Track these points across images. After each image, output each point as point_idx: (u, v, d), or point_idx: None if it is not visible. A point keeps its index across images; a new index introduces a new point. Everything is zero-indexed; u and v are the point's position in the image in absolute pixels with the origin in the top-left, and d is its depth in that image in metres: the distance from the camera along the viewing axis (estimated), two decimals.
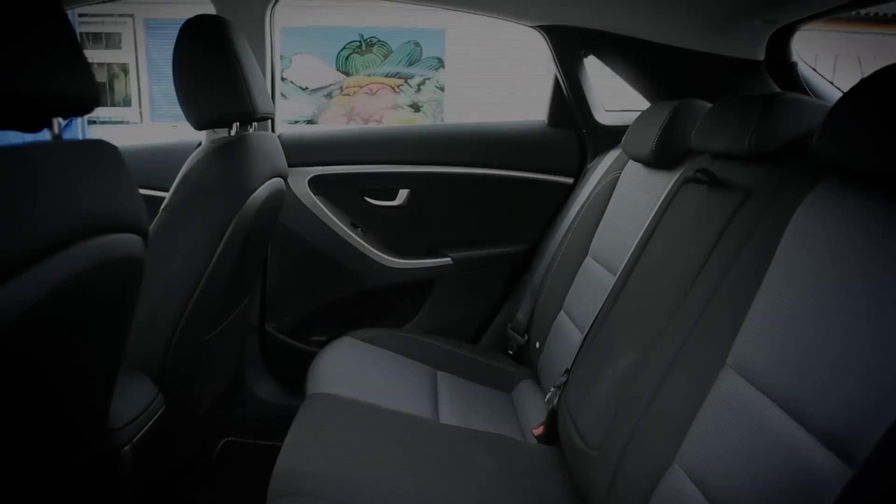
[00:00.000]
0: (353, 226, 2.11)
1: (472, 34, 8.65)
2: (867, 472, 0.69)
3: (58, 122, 0.78)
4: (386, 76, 9.25)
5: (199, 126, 1.41)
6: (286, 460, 1.24)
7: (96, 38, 8.74)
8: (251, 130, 1.61)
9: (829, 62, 7.58)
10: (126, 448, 1.16)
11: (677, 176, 1.45)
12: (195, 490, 1.84)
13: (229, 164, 1.43)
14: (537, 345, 1.82)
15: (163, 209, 1.38)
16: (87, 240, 0.73)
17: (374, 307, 2.17)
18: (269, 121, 2.01)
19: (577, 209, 1.95)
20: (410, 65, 9.27)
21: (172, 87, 1.39)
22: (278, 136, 2.00)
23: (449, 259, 2.14)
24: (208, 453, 1.99)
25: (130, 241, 0.82)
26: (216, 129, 1.71)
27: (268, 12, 1.94)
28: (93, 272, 0.74)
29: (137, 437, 1.19)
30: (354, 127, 6.54)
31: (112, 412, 1.14)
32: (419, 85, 9.34)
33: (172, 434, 1.35)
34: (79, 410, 0.88)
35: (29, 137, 0.75)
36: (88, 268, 0.73)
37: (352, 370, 1.65)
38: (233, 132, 1.53)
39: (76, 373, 0.81)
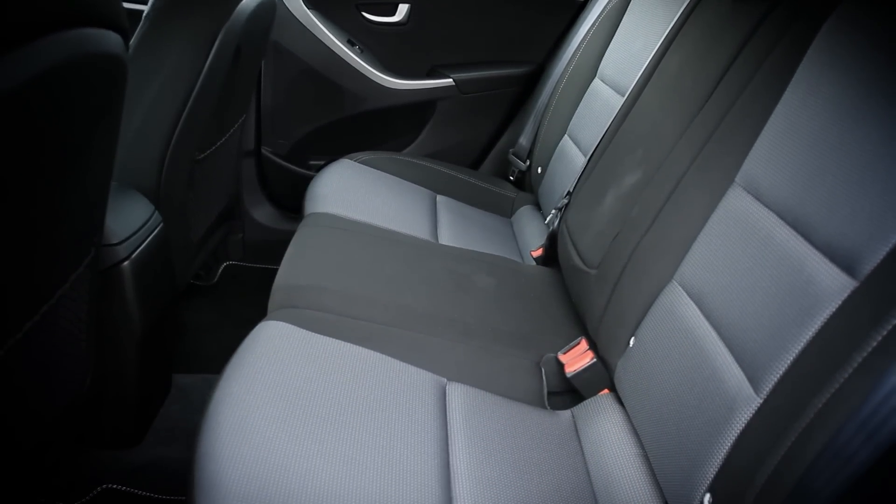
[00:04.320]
0: (350, 43, 2.00)
1: None
2: (871, 284, 0.68)
3: None
4: None
5: None
6: (285, 274, 1.26)
7: None
8: None
9: None
10: (125, 263, 1.17)
11: None
12: (198, 310, 1.89)
13: None
14: (539, 170, 1.79)
15: (145, 17, 1.29)
16: (57, 32, 0.67)
17: (372, 129, 2.11)
18: None
19: (587, 28, 1.84)
20: None
21: None
22: None
23: (450, 80, 2.05)
24: (210, 276, 2.03)
25: (108, 37, 0.76)
26: None
27: None
28: (69, 68, 0.69)
29: (136, 252, 1.19)
30: None
31: (108, 229, 1.13)
32: None
33: (172, 253, 1.36)
34: (75, 216, 0.86)
35: None
36: (64, 62, 0.67)
37: (350, 191, 1.63)
38: None
39: (68, 172, 0.78)
